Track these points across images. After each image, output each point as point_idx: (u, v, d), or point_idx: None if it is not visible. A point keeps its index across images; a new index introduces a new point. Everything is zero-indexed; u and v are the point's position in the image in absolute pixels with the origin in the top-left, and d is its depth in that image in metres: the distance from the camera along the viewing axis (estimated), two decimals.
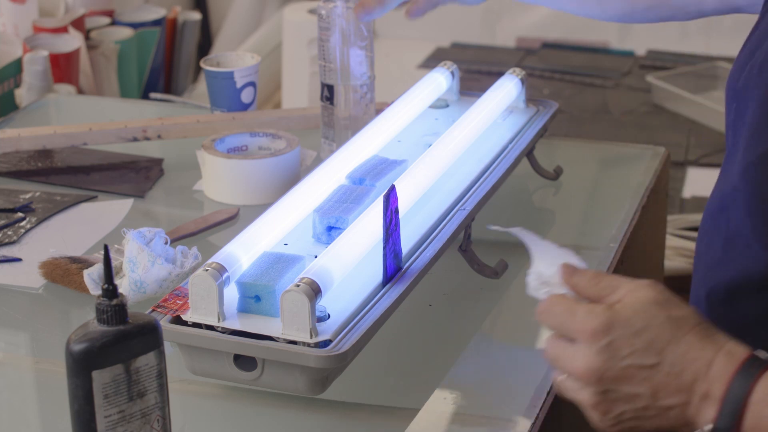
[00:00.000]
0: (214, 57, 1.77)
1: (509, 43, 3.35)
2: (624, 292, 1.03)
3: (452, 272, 1.41)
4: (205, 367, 1.18)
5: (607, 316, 1.01)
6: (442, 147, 1.44)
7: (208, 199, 1.62)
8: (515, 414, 1.20)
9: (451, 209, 1.38)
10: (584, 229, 1.60)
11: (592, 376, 1.01)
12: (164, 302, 1.20)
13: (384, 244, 1.22)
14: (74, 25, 2.20)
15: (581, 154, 1.79)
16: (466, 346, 1.30)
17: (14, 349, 1.35)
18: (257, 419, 1.20)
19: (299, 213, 1.33)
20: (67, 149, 1.74)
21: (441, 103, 1.66)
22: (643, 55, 3.25)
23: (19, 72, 2.02)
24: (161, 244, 1.35)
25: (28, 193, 1.62)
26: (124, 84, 2.37)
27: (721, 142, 2.72)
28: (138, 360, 0.99)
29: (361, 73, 1.61)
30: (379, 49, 3.22)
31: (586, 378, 1.01)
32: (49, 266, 1.41)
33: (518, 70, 1.66)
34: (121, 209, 1.60)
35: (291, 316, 1.13)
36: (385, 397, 1.23)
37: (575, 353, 1.02)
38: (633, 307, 1.01)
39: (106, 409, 0.99)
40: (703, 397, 1.00)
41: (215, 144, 1.62)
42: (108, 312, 0.98)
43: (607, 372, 1.01)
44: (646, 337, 1.00)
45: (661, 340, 1.00)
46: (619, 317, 1.01)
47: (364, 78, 1.61)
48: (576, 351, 1.02)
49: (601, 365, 1.00)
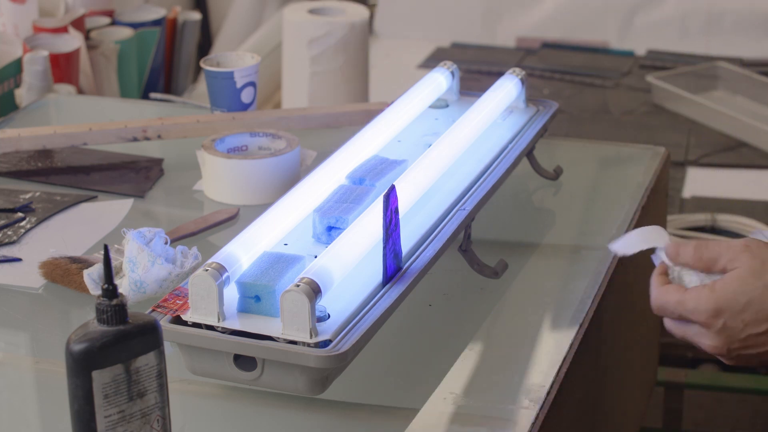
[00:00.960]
0: (214, 57, 1.77)
1: (509, 43, 3.35)
2: (725, 262, 1.16)
3: (452, 272, 1.41)
4: (205, 367, 1.18)
5: (714, 301, 1.15)
6: (442, 147, 1.44)
7: (208, 199, 1.62)
8: (515, 414, 1.20)
9: (451, 209, 1.38)
10: (584, 229, 1.60)
11: (720, 351, 1.17)
12: (164, 302, 1.20)
13: (384, 244, 1.22)
14: (74, 25, 2.20)
15: (581, 154, 1.79)
16: (466, 346, 1.30)
17: (14, 349, 1.35)
18: (257, 419, 1.20)
19: (299, 213, 1.33)
20: (67, 149, 1.74)
21: (441, 103, 1.66)
22: (643, 55, 3.25)
23: (19, 72, 2.02)
24: (161, 244, 1.35)
25: (28, 193, 1.62)
26: (124, 84, 2.37)
27: (721, 142, 2.72)
28: (138, 360, 0.99)
29: None
30: (379, 49, 3.22)
31: (716, 352, 1.17)
32: (49, 266, 1.41)
33: (518, 70, 1.66)
34: (121, 209, 1.60)
35: (291, 316, 1.13)
36: (385, 397, 1.23)
37: (699, 336, 1.17)
38: (732, 285, 1.15)
39: (106, 409, 0.99)
40: None
41: (215, 144, 1.62)
42: (108, 312, 0.98)
43: (731, 345, 1.16)
44: (752, 310, 1.14)
45: (765, 309, 1.15)
46: (724, 299, 1.15)
47: None
48: (699, 333, 1.17)
49: (723, 344, 1.16)
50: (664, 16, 3.27)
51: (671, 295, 1.17)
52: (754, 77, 2.94)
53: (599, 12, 3.31)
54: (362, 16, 2.32)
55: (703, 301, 1.15)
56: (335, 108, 1.77)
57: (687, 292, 1.17)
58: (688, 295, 1.16)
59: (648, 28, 3.28)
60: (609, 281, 1.43)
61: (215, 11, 3.43)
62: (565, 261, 1.52)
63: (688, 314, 1.16)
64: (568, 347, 1.29)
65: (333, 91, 2.32)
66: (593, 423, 1.47)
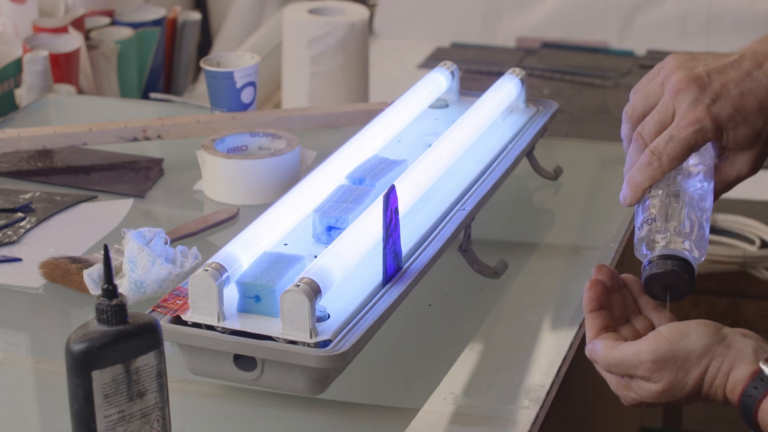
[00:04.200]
0: (214, 57, 1.77)
1: (509, 43, 3.35)
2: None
3: (452, 272, 1.41)
4: (205, 367, 1.18)
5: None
6: (442, 147, 1.44)
7: (208, 199, 1.62)
8: (515, 414, 1.20)
9: (451, 209, 1.38)
10: (584, 229, 1.60)
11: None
12: (164, 302, 1.20)
13: (384, 244, 1.22)
14: (74, 25, 2.20)
15: (581, 154, 1.79)
16: (466, 346, 1.30)
17: (14, 349, 1.35)
18: (257, 419, 1.20)
19: (299, 213, 1.33)
20: (67, 149, 1.74)
21: (441, 103, 1.66)
22: (643, 55, 3.25)
23: (19, 72, 2.02)
24: (161, 244, 1.35)
25: (28, 193, 1.62)
26: (124, 84, 2.37)
27: None
28: (138, 360, 0.99)
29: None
30: (379, 49, 3.21)
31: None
32: (49, 266, 1.41)
33: (518, 70, 1.66)
34: (121, 209, 1.60)
35: (291, 316, 1.13)
36: (385, 397, 1.23)
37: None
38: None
39: (106, 409, 0.99)
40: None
41: (215, 144, 1.62)
42: (108, 312, 0.98)
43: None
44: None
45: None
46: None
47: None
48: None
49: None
50: (664, 16, 3.27)
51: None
52: None
53: (599, 12, 3.30)
54: (362, 16, 2.32)
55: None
56: (335, 108, 1.77)
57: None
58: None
59: (648, 28, 3.28)
60: None
61: (215, 11, 3.43)
62: (565, 261, 1.52)
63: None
64: (568, 347, 1.29)
65: (333, 91, 2.32)
66: (593, 423, 1.47)
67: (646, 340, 1.10)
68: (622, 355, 1.11)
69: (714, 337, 1.09)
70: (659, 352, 1.09)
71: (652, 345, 1.09)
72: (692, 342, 1.09)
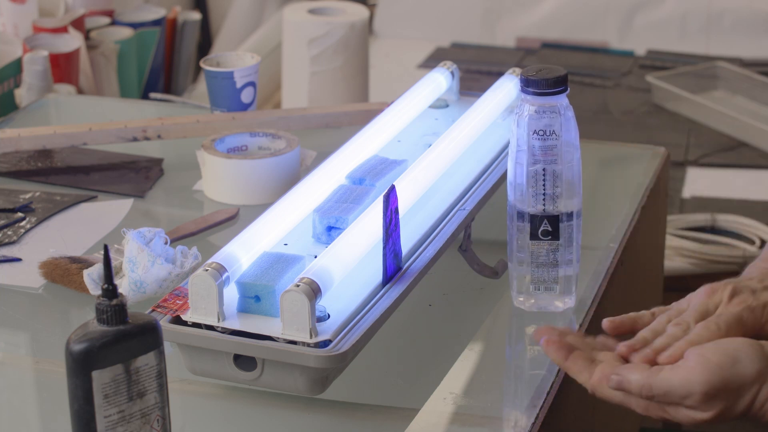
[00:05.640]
0: (214, 57, 1.77)
1: (509, 43, 3.35)
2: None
3: (452, 272, 1.41)
4: (205, 367, 1.18)
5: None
6: (442, 147, 1.44)
7: (208, 199, 1.62)
8: (515, 414, 1.20)
9: (451, 209, 1.38)
10: (584, 229, 1.59)
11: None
12: (164, 302, 1.20)
13: (384, 244, 1.22)
14: (74, 25, 2.20)
15: (581, 154, 1.79)
16: (466, 346, 1.30)
17: (14, 349, 1.35)
18: (257, 419, 1.20)
19: (299, 213, 1.33)
20: (67, 149, 1.74)
21: (441, 103, 1.66)
22: (643, 55, 3.25)
23: (19, 72, 2.02)
24: (161, 244, 1.35)
25: (28, 193, 1.62)
26: (124, 84, 2.37)
27: (721, 142, 2.72)
28: (138, 360, 0.99)
29: None
30: (379, 49, 3.21)
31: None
32: (49, 266, 1.41)
33: (518, 70, 1.66)
34: (121, 209, 1.60)
35: (291, 316, 1.13)
36: (385, 397, 1.23)
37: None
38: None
39: (106, 409, 0.99)
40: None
41: (215, 144, 1.62)
42: (108, 312, 0.98)
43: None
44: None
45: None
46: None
47: None
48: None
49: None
50: (664, 16, 3.27)
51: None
52: (753, 77, 2.94)
53: (599, 12, 3.30)
54: (362, 16, 2.32)
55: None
56: (335, 108, 1.77)
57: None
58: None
59: (648, 28, 3.28)
60: (609, 281, 1.43)
61: (215, 11, 3.43)
62: None
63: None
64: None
65: (333, 91, 2.32)
66: (593, 423, 1.47)
67: (695, 369, 1.04)
68: (668, 385, 1.05)
69: (765, 360, 1.04)
70: (712, 383, 1.03)
71: (702, 375, 1.03)
72: (745, 368, 1.03)
